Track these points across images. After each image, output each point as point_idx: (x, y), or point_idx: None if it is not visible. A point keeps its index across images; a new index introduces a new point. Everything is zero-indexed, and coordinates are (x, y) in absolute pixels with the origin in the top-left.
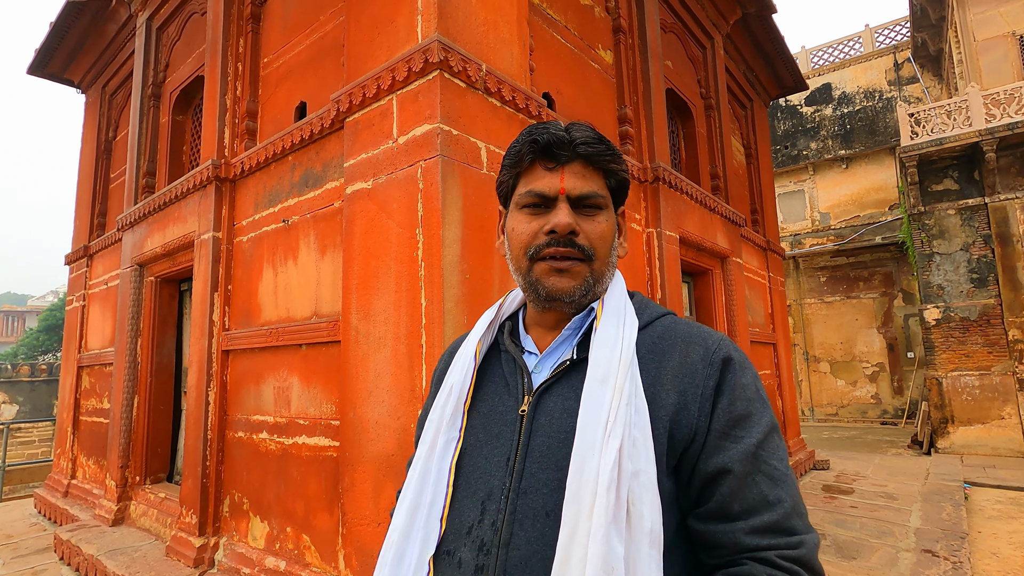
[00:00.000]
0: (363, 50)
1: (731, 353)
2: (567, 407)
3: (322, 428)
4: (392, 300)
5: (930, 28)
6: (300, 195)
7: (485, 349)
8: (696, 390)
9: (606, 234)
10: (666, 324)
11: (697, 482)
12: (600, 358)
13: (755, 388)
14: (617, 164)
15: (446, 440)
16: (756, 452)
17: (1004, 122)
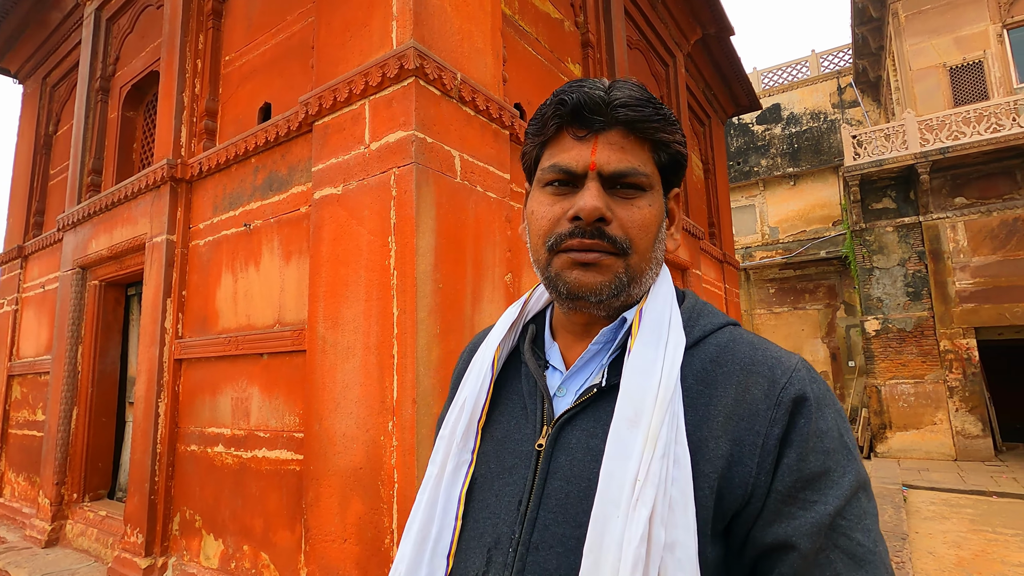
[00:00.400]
0: (334, 53)
1: (806, 390)
2: (592, 447)
3: (284, 441)
4: (362, 309)
5: (870, 56)
6: (264, 199)
7: (505, 356)
8: (755, 439)
9: (648, 222)
10: (722, 342)
11: (752, 552)
12: (632, 391)
13: (837, 435)
14: (670, 133)
15: (456, 464)
16: (833, 522)
17: (936, 146)
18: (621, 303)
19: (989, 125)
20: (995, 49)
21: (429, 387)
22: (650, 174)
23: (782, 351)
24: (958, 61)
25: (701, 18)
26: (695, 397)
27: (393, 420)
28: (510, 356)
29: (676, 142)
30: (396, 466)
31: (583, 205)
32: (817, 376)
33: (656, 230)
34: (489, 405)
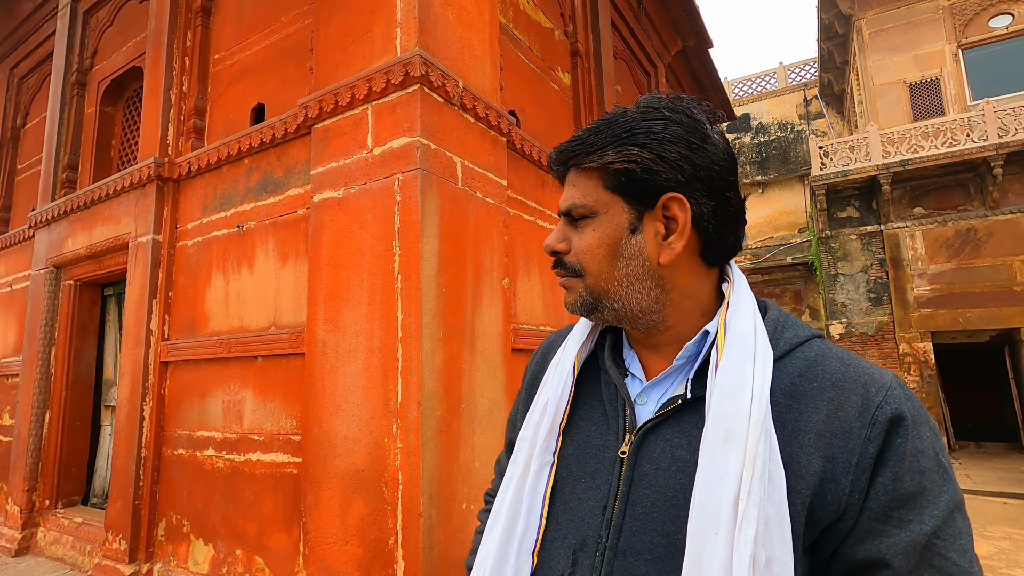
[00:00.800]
0: (334, 57)
1: (902, 408)
2: (677, 457)
3: (280, 444)
4: (365, 312)
5: (835, 70)
6: (258, 200)
7: (583, 360)
8: (849, 457)
9: (591, 246)
10: (811, 357)
11: (840, 567)
12: (724, 408)
13: (933, 454)
14: (600, 157)
15: (540, 465)
16: (929, 542)
17: (897, 159)
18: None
19: (945, 140)
20: (951, 68)
21: (433, 390)
22: (592, 201)
23: (874, 367)
24: (917, 78)
25: (682, 30)
26: (783, 412)
27: (397, 423)
28: (587, 362)
29: (611, 162)
30: (400, 468)
31: (544, 244)
32: (912, 394)
33: (604, 251)
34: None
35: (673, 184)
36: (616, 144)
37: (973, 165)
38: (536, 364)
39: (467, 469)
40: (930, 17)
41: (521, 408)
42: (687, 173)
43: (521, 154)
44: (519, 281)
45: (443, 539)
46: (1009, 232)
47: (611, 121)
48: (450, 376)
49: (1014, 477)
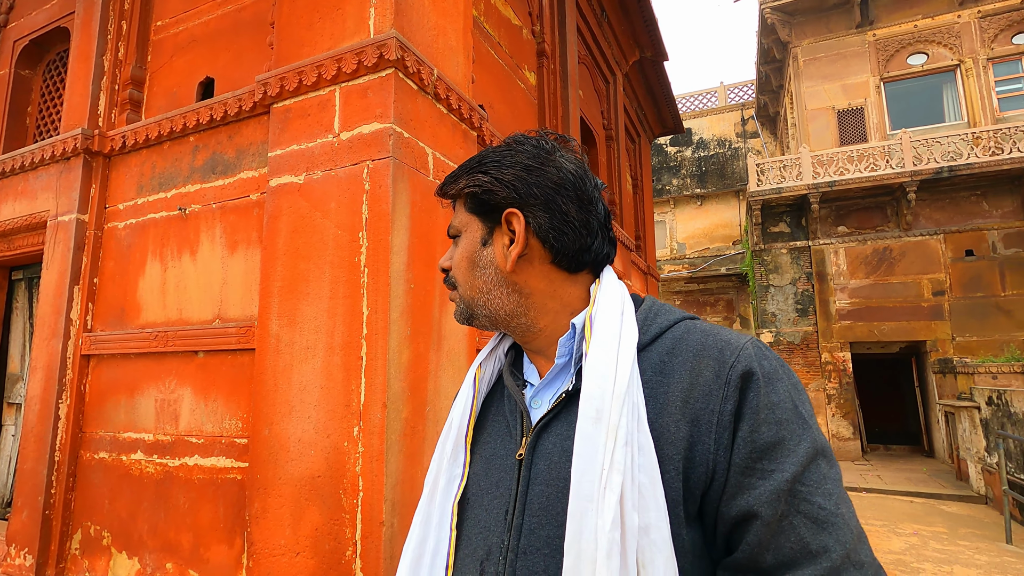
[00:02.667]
0: (299, 34)
1: (752, 365)
2: (566, 448)
3: (223, 447)
4: (326, 307)
5: (771, 93)
6: (204, 182)
7: (493, 377)
8: (710, 417)
9: (457, 261)
10: (678, 335)
11: (722, 529)
12: (592, 390)
13: (791, 405)
14: (454, 187)
15: (448, 479)
16: (792, 488)
17: (825, 180)
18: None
19: (868, 164)
20: (874, 98)
21: (399, 391)
22: (458, 224)
23: (734, 334)
24: (844, 105)
25: (640, 41)
26: (655, 388)
27: (359, 425)
28: (498, 381)
29: (463, 188)
30: (361, 473)
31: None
32: (769, 353)
33: (466, 263)
34: (479, 427)
35: (510, 202)
36: (467, 173)
37: (891, 189)
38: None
39: None
40: (857, 50)
41: None
42: (521, 192)
43: None
44: None
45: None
46: (919, 253)
47: (471, 157)
48: (416, 377)
49: (918, 478)
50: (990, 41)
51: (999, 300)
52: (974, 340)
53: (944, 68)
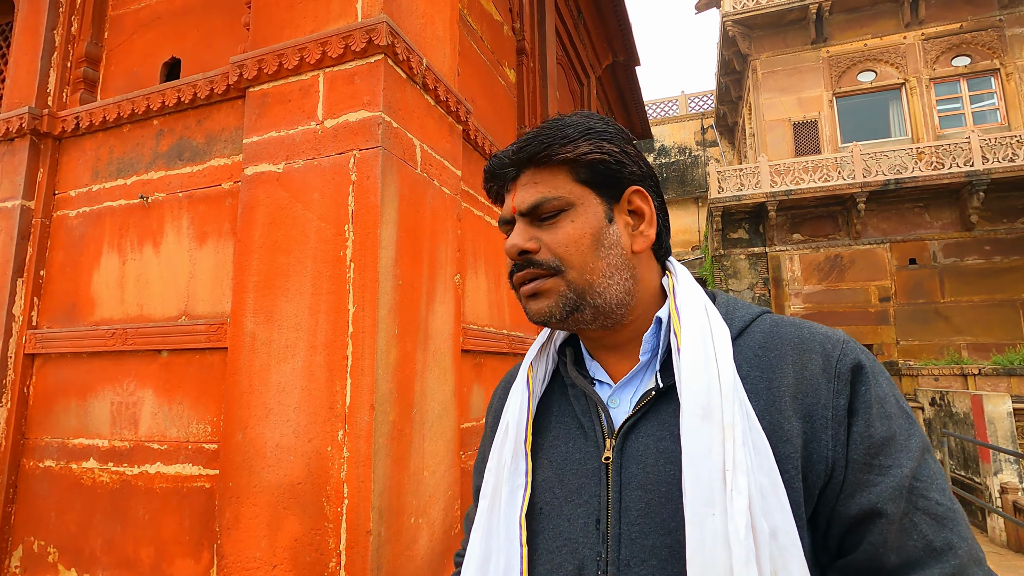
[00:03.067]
0: (279, 15)
1: (860, 358)
2: (663, 450)
3: (190, 453)
4: (307, 304)
5: (730, 103)
6: (170, 168)
7: (546, 378)
8: (824, 412)
9: (574, 237)
10: (766, 328)
11: (838, 529)
12: (695, 386)
13: (895, 400)
14: (571, 150)
15: (511, 489)
16: (911, 484)
17: (782, 188)
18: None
19: (821, 175)
20: (827, 112)
21: (387, 392)
22: (564, 194)
23: (826, 327)
24: (800, 118)
25: (614, 45)
26: (755, 383)
27: (344, 428)
28: (551, 382)
29: (584, 153)
30: (346, 480)
31: (507, 246)
32: (864, 348)
33: (588, 240)
34: (538, 430)
35: (635, 178)
36: (586, 138)
37: (842, 199)
38: (499, 400)
39: (416, 479)
40: (812, 65)
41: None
42: (643, 169)
43: (474, 145)
44: (468, 279)
45: (391, 557)
46: (867, 260)
47: (565, 123)
48: (404, 377)
49: None
50: (932, 62)
51: (939, 306)
52: (916, 344)
53: (891, 86)
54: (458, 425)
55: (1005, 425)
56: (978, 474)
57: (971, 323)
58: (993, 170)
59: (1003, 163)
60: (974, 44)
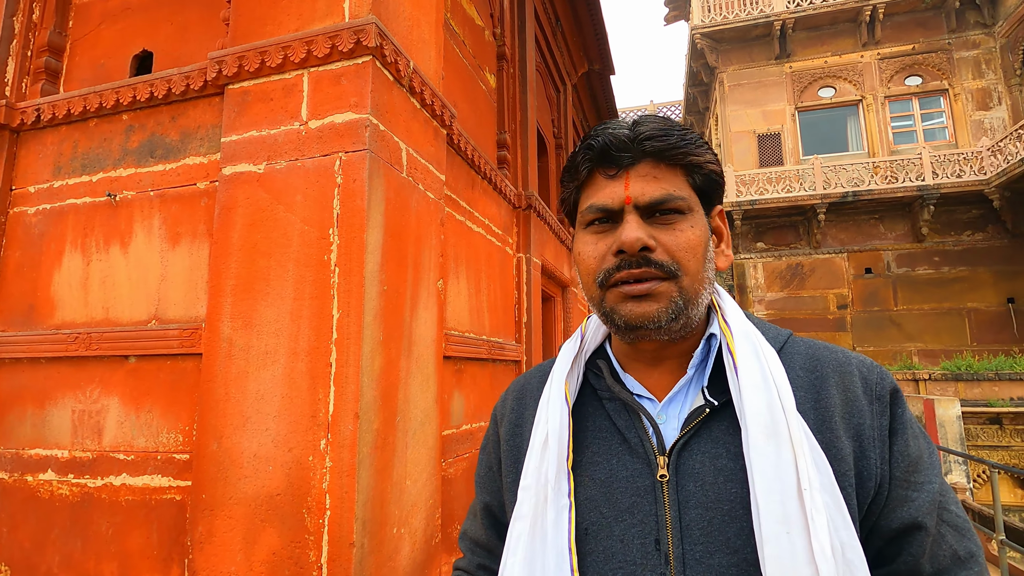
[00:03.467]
0: (262, 11)
1: (895, 384)
2: (721, 468)
3: (159, 464)
4: (289, 308)
5: (697, 114)
6: (140, 166)
7: (575, 390)
8: (871, 432)
9: (693, 243)
10: (802, 350)
11: (878, 541)
12: (757, 405)
13: (917, 423)
14: (699, 155)
15: (557, 511)
16: (939, 500)
17: (747, 198)
18: (680, 326)
19: (784, 186)
20: (789, 125)
21: (371, 400)
22: (687, 197)
23: (851, 352)
24: (764, 130)
25: (590, 54)
26: (802, 403)
27: (327, 437)
28: (580, 394)
29: (708, 162)
30: (329, 490)
31: (625, 238)
32: None
33: (703, 250)
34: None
35: (720, 198)
36: (706, 147)
37: (803, 210)
38: (511, 410)
39: (399, 488)
40: (776, 80)
41: (503, 461)
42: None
43: (457, 150)
44: (450, 284)
45: (374, 569)
46: (826, 269)
47: (678, 126)
48: (388, 384)
49: None
50: (887, 81)
51: (892, 314)
52: (872, 350)
53: (849, 102)
54: (440, 432)
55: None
56: None
57: (922, 330)
58: (942, 185)
59: (951, 179)
60: (925, 65)
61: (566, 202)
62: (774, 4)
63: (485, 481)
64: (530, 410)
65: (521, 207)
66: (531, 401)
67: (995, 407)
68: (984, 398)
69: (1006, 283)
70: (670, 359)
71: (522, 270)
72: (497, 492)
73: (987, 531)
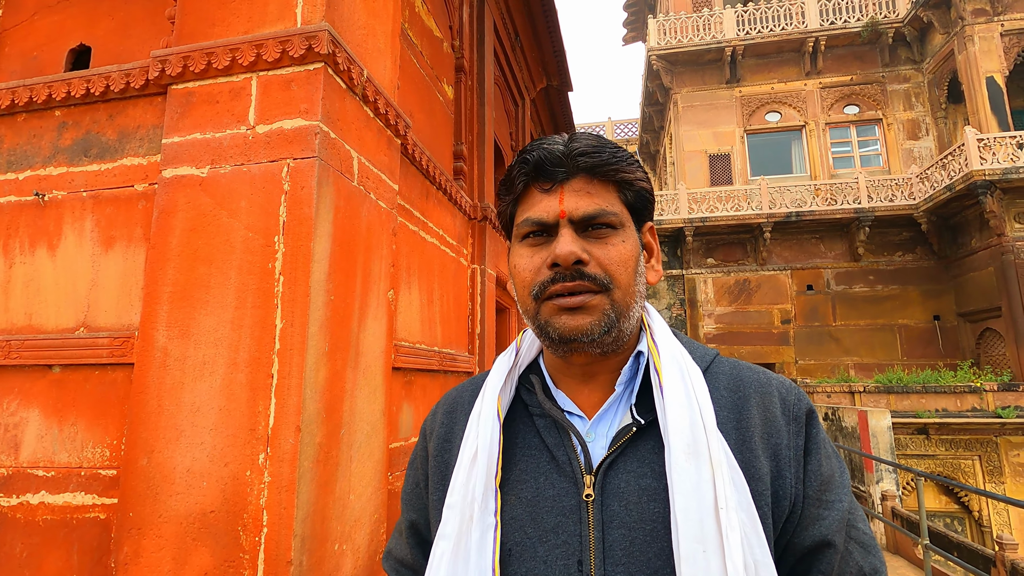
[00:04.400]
0: (210, 12)
1: (810, 404)
2: (644, 487)
3: (83, 481)
4: (230, 317)
5: (653, 132)
6: (72, 165)
7: (506, 406)
8: (787, 452)
9: (625, 257)
10: (726, 370)
11: (791, 558)
12: (680, 423)
13: (830, 443)
14: (631, 172)
15: (482, 530)
16: (848, 518)
17: (699, 215)
18: (612, 339)
19: (733, 205)
20: (739, 147)
21: (315, 412)
22: (619, 212)
23: (771, 373)
24: (715, 150)
25: (549, 70)
26: (724, 422)
27: (266, 451)
28: (511, 410)
29: (639, 179)
30: (266, 506)
31: (560, 251)
32: None
33: (634, 264)
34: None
35: (650, 214)
36: (636, 166)
37: (750, 228)
38: (441, 424)
39: (342, 503)
40: (726, 103)
41: (430, 477)
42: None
43: (411, 159)
44: (401, 294)
45: None
46: (771, 286)
47: (610, 144)
48: (333, 397)
49: None
50: (828, 108)
51: (831, 329)
52: (812, 363)
53: (793, 127)
54: (386, 445)
55: (886, 438)
56: (863, 483)
57: (858, 345)
58: (876, 208)
59: (884, 203)
60: (862, 95)
61: (503, 215)
62: (725, 31)
63: (411, 498)
64: (460, 425)
65: (477, 218)
66: (462, 415)
67: (922, 418)
68: (913, 410)
69: (933, 301)
70: (601, 375)
71: (476, 281)
72: (424, 510)
73: (913, 536)
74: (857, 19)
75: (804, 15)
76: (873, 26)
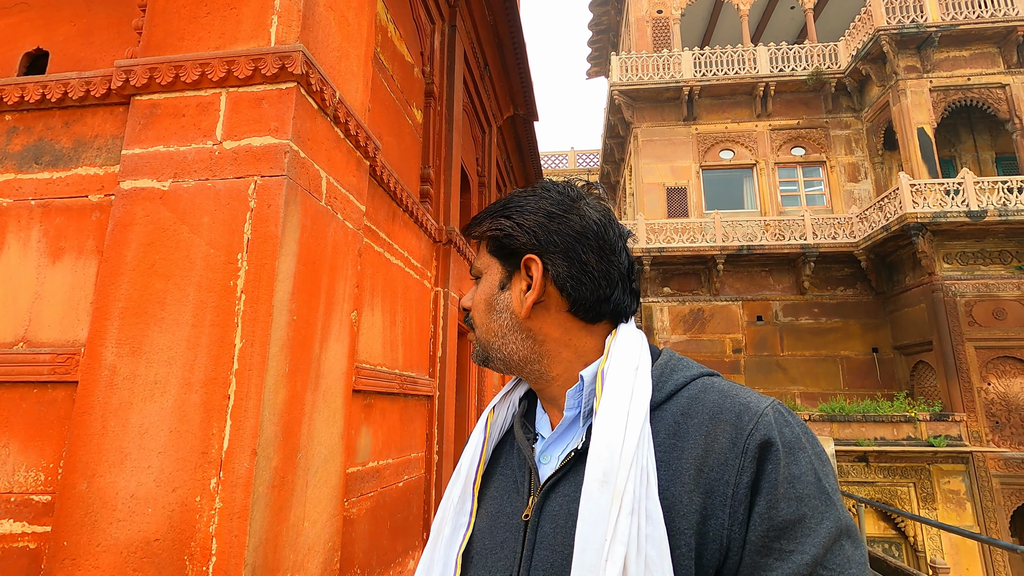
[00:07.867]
0: (179, 25)
1: (771, 434)
2: (572, 512)
3: (13, 508)
4: (186, 336)
5: (613, 164)
6: (22, 171)
7: (505, 426)
8: (725, 489)
9: (476, 302)
10: (694, 394)
11: None
12: (600, 450)
13: (813, 479)
14: (482, 228)
15: (453, 528)
16: (813, 572)
17: (656, 245)
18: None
19: (688, 236)
20: (694, 181)
21: (272, 435)
22: (480, 265)
23: (753, 396)
24: (673, 184)
25: (516, 99)
26: (667, 452)
27: (219, 476)
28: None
29: (487, 230)
30: (216, 534)
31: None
32: (792, 419)
33: (483, 305)
34: (488, 476)
35: (530, 248)
36: (491, 216)
37: (704, 259)
38: None
39: (296, 531)
40: (683, 139)
41: None
42: (542, 238)
43: (379, 181)
44: (363, 316)
45: None
46: (724, 316)
47: (498, 201)
48: (291, 419)
49: None
50: (776, 149)
51: (779, 359)
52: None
53: (745, 165)
54: (344, 470)
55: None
56: None
57: (803, 374)
58: (820, 245)
59: (828, 240)
60: (807, 139)
61: None
62: (683, 71)
63: None
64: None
65: (442, 241)
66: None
67: (862, 446)
68: (854, 438)
69: (871, 334)
70: (558, 398)
71: (439, 304)
72: None
73: None
74: (804, 68)
75: (756, 61)
76: (817, 75)
